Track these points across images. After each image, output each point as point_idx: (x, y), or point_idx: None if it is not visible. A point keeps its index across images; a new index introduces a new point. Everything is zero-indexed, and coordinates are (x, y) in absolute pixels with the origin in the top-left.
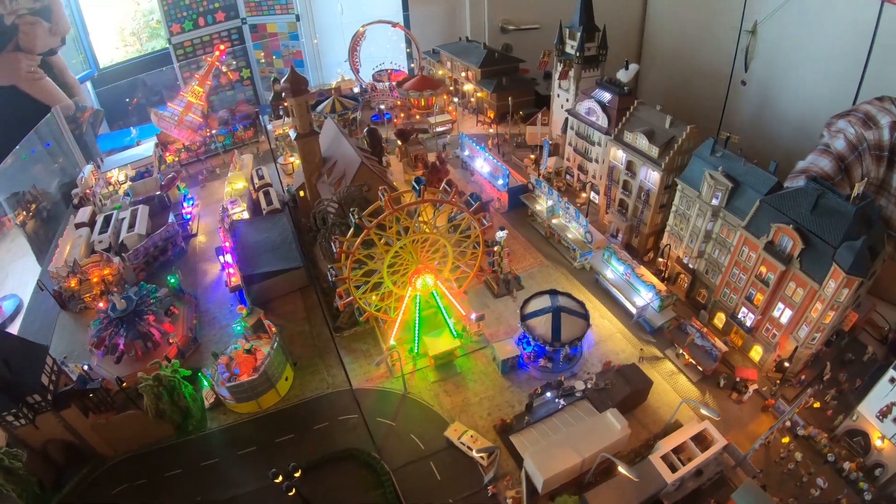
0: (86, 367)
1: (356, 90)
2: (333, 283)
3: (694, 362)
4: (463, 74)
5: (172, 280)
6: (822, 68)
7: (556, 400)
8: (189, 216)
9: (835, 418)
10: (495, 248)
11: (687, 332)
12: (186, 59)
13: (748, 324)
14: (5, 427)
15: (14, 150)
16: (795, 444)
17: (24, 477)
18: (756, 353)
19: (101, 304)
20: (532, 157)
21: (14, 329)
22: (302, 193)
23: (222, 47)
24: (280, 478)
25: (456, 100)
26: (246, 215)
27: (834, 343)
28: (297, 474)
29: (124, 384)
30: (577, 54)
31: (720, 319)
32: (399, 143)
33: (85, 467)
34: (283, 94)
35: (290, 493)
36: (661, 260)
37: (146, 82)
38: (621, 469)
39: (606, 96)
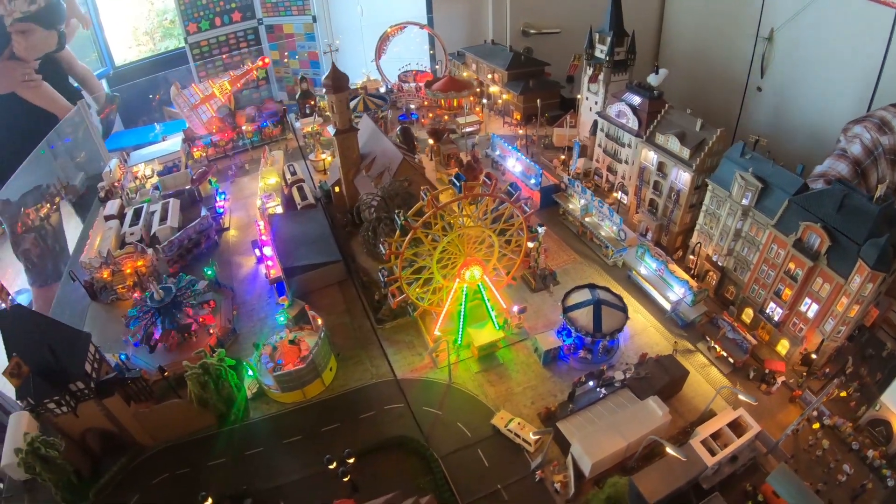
0: (123, 357)
1: (382, 90)
2: (385, 283)
3: (725, 354)
4: (489, 76)
5: (210, 272)
6: (837, 75)
7: (598, 389)
8: (222, 210)
9: (858, 409)
10: (532, 245)
11: (718, 326)
12: (203, 59)
13: (776, 318)
14: (46, 415)
15: (34, 148)
16: (822, 432)
17: (62, 466)
18: (783, 346)
19: (136, 295)
20: (562, 157)
21: None
22: (337, 189)
23: (267, 60)
24: (334, 464)
25: (485, 100)
26: (279, 210)
27: (855, 339)
28: (350, 461)
29: (166, 373)
30: (608, 58)
31: (748, 315)
32: (431, 142)
33: (124, 456)
34: (325, 89)
35: (346, 479)
36: (691, 257)
37: (168, 79)
38: (669, 450)
39: (637, 100)
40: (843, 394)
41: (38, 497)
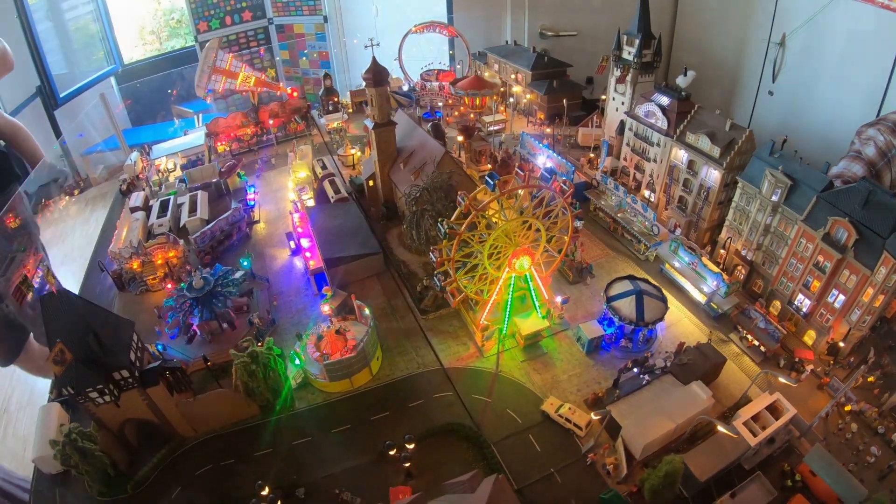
0: (160, 348)
1: (405, 88)
2: (441, 287)
3: (757, 343)
4: (512, 76)
5: (246, 263)
6: (848, 80)
7: (641, 376)
8: (253, 202)
9: (881, 395)
10: (579, 224)
11: (751, 317)
12: None
13: (804, 310)
14: (87, 405)
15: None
16: (850, 416)
17: (99, 458)
18: (809, 337)
19: (169, 286)
20: (591, 155)
21: None
22: (371, 183)
23: (296, 94)
24: (394, 450)
25: (512, 99)
26: (311, 203)
27: (877, 330)
28: (410, 446)
29: (209, 363)
30: (635, 60)
31: (775, 307)
32: (461, 139)
33: (164, 448)
34: (365, 83)
35: (406, 465)
36: (722, 252)
37: (184, 76)
38: (720, 428)
39: (665, 100)
40: (871, 378)
41: (69, 490)
